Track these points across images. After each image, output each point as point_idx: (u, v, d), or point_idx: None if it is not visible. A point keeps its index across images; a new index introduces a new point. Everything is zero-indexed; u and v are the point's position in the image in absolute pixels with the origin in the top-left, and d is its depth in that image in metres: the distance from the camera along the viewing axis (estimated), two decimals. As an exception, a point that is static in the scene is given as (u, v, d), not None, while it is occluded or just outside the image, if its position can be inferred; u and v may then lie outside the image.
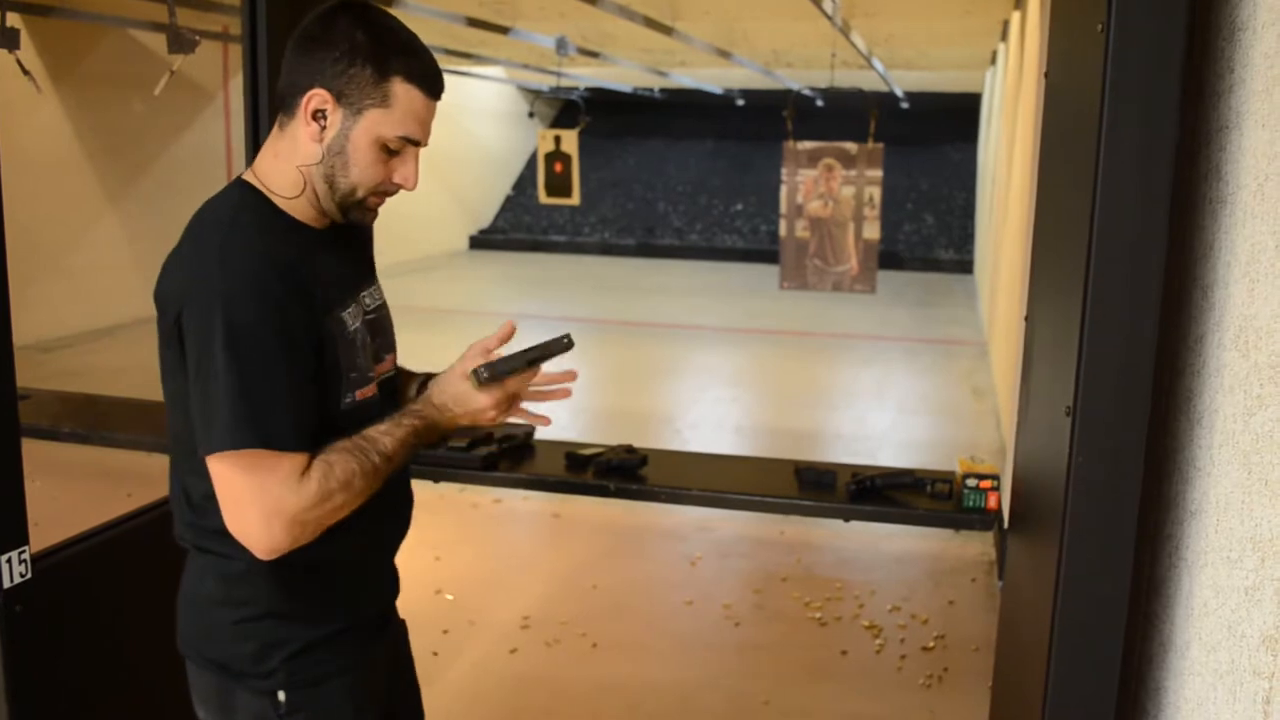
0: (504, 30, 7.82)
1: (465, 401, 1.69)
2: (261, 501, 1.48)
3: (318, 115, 1.58)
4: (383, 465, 1.59)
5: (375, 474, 1.58)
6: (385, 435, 1.61)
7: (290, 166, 1.61)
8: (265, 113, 2.53)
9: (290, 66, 1.60)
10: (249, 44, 2.51)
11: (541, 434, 3.04)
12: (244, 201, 1.61)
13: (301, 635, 1.65)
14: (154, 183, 9.79)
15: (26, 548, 2.02)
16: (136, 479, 3.48)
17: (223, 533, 1.56)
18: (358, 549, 1.71)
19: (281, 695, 1.64)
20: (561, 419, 2.01)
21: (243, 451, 1.47)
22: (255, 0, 2.49)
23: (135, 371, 8.30)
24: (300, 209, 1.63)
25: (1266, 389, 1.27)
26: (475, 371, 1.67)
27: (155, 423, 3.28)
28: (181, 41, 2.71)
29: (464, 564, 4.58)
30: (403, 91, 1.58)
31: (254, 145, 2.55)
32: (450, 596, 4.24)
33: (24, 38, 3.05)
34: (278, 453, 1.48)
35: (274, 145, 1.63)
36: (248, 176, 1.66)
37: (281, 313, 1.50)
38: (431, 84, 1.62)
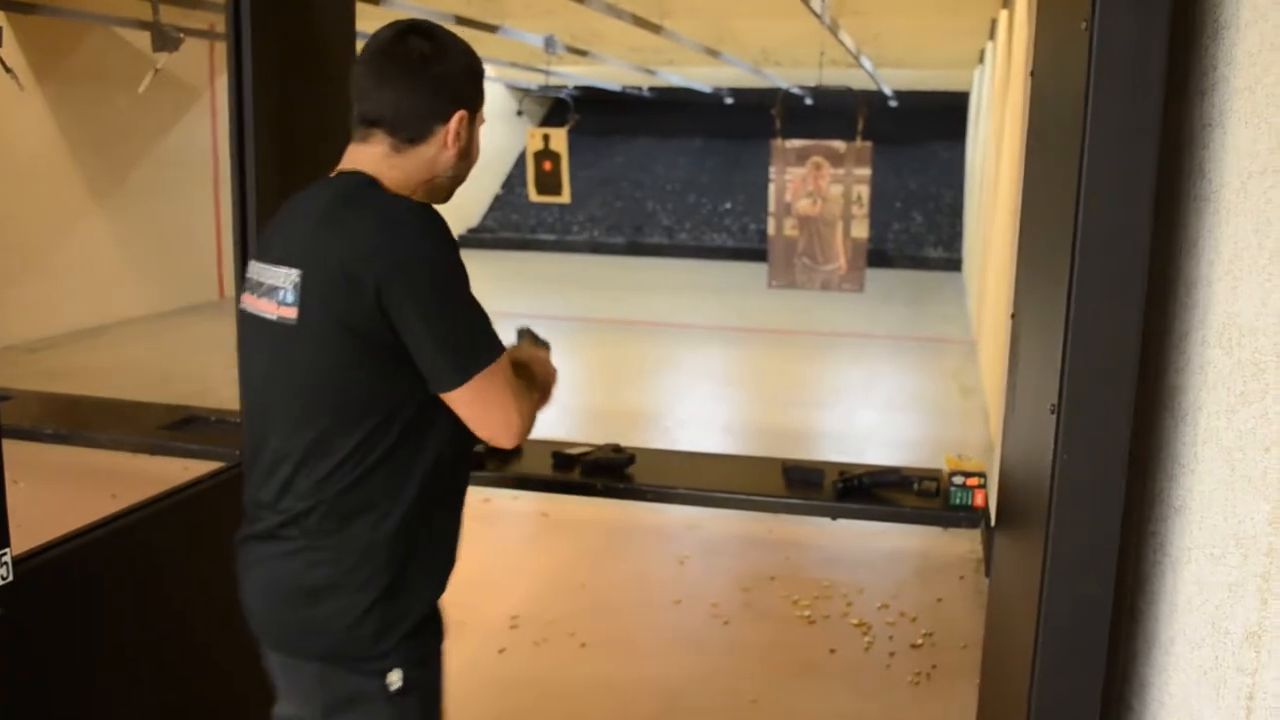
0: (492, 29, 7.81)
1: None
2: (515, 397, 1.75)
3: (459, 133, 1.80)
4: (525, 377, 1.86)
5: (529, 382, 1.88)
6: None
7: (414, 179, 1.78)
8: (250, 111, 2.51)
9: (401, 94, 1.75)
10: (234, 42, 2.50)
11: (529, 433, 3.04)
12: (381, 185, 1.76)
13: (414, 612, 1.79)
14: (140, 182, 9.75)
15: (8, 550, 2.00)
16: (121, 480, 3.47)
17: (344, 515, 1.71)
18: (453, 522, 1.90)
19: (395, 674, 1.76)
20: (550, 418, 2.03)
21: (499, 363, 1.71)
22: (240, -2, 2.48)
23: (120, 372, 8.28)
24: None
25: (1249, 386, 1.27)
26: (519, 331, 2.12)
27: (140, 423, 3.27)
28: (165, 39, 2.70)
29: (452, 563, 4.56)
30: (485, 85, 1.87)
31: (239, 144, 2.54)
32: (438, 596, 4.23)
33: (7, 35, 3.05)
34: (505, 358, 1.74)
35: (388, 160, 1.77)
36: (362, 171, 1.77)
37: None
38: None
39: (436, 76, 1.76)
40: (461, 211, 17.58)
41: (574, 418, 7.37)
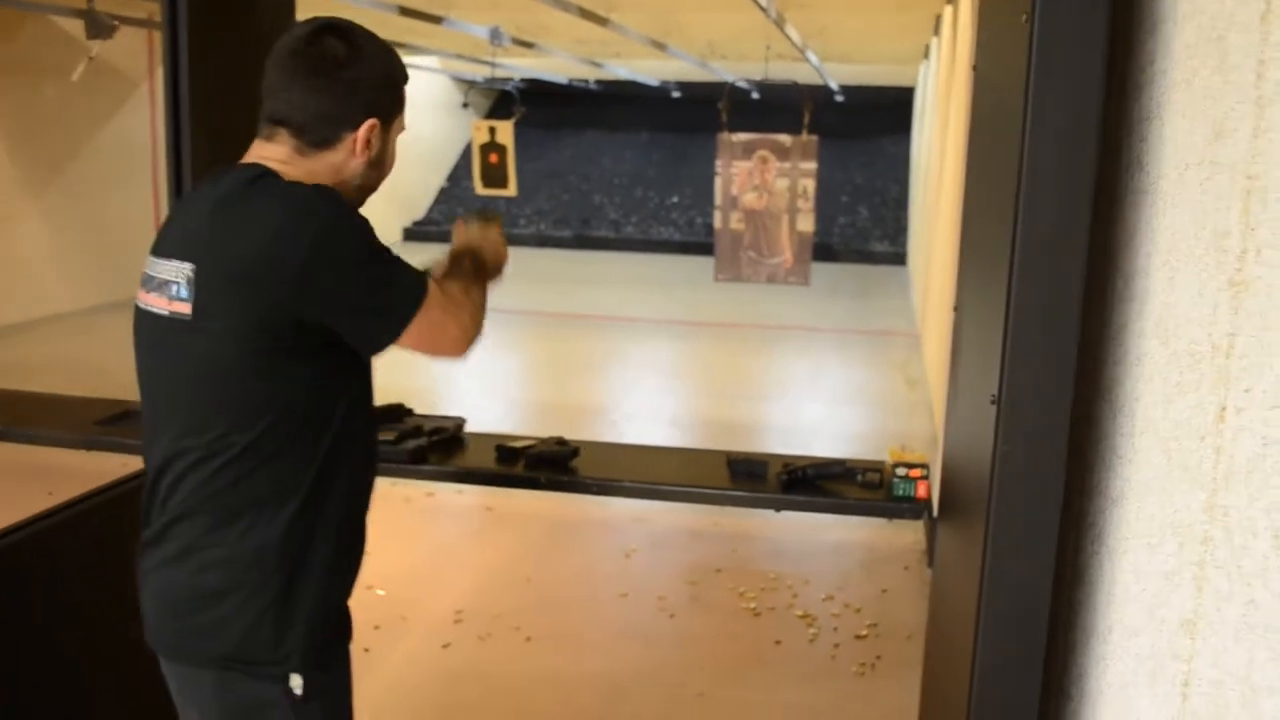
0: (437, 20, 7.74)
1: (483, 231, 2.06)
2: (454, 315, 1.77)
3: (370, 142, 1.74)
4: (466, 275, 1.88)
5: (468, 279, 1.87)
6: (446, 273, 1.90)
7: (319, 181, 1.70)
8: (186, 102, 2.47)
9: (308, 96, 1.70)
10: (170, 32, 2.45)
11: (473, 426, 3.02)
12: (277, 175, 1.70)
13: (315, 613, 1.70)
14: (76, 174, 9.57)
15: (-62, 546, 1.96)
16: (58, 476, 3.41)
17: (234, 511, 1.65)
18: (355, 516, 1.80)
19: (296, 680, 1.68)
20: (496, 411, 2.03)
21: (428, 295, 1.70)
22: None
23: (56, 367, 8.16)
24: None
25: (1185, 376, 1.28)
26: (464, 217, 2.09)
27: (76, 419, 3.21)
28: (99, 26, 2.64)
29: (396, 558, 4.53)
30: (406, 92, 1.82)
31: (175, 136, 2.49)
32: (382, 592, 4.20)
33: (-64, 23, 2.97)
34: (430, 285, 1.73)
35: (291, 161, 1.71)
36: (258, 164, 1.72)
37: None
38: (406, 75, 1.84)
39: (349, 81, 1.70)
40: (406, 204, 17.46)
41: (520, 412, 7.35)
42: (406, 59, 1.85)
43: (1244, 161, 1.17)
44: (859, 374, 9.00)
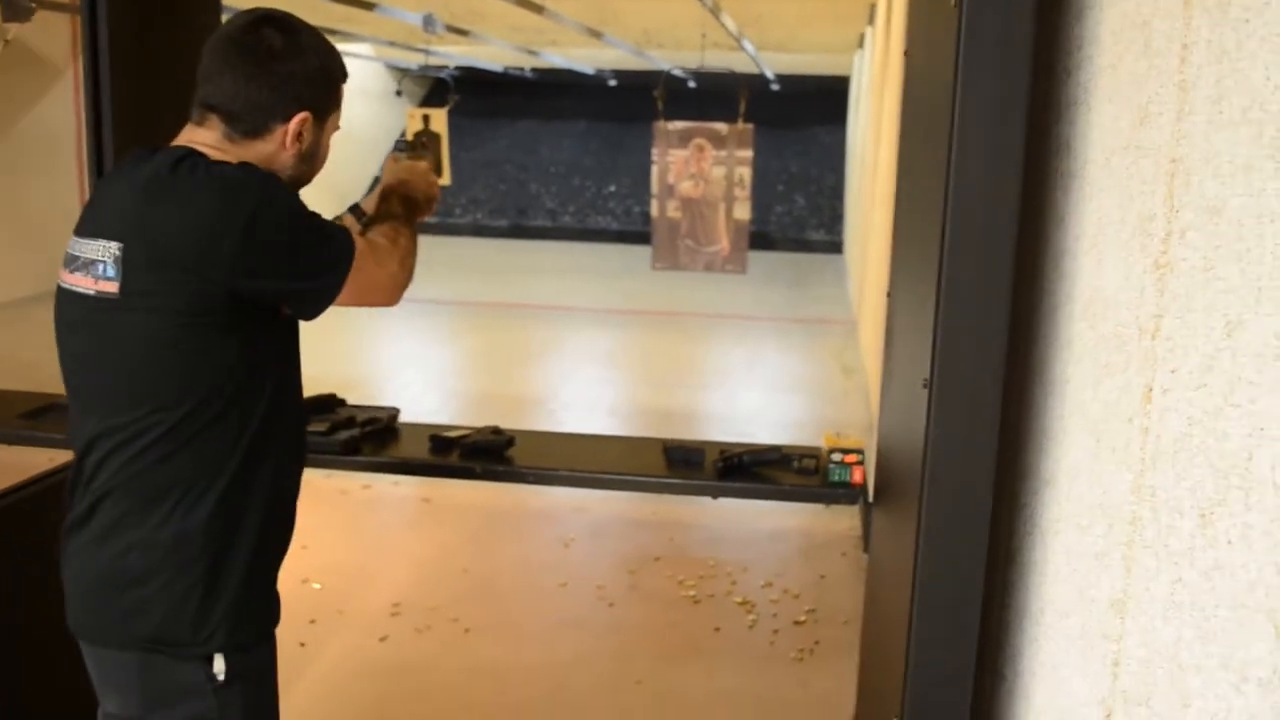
0: (370, 6, 7.65)
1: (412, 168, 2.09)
2: (384, 264, 1.83)
3: (301, 135, 1.75)
4: (394, 219, 1.96)
5: (397, 223, 1.95)
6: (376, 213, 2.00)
7: None
8: (107, 89, 2.40)
9: (240, 85, 1.70)
10: (88, 16, 2.39)
11: (407, 416, 2.98)
12: (204, 156, 1.69)
13: (239, 595, 1.70)
14: (-1, 162, 9.35)
15: None
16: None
17: (164, 489, 1.65)
18: (283, 499, 1.80)
19: (219, 662, 1.68)
20: (432, 402, 2.01)
21: (356, 252, 1.74)
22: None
23: (-22, 359, 7.91)
24: None
25: (1113, 358, 1.29)
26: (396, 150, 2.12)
27: (-2, 411, 3.13)
28: (16, 9, 2.57)
29: (332, 552, 4.48)
30: (344, 89, 1.84)
31: (96, 122, 2.43)
32: (318, 585, 4.15)
33: None
34: (358, 241, 1.78)
35: (220, 147, 1.71)
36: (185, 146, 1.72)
37: None
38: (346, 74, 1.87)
39: (282, 74, 1.71)
40: (340, 192, 17.22)
41: (457, 402, 7.30)
42: (339, 46, 1.84)
43: (1168, 145, 1.18)
44: (796, 362, 9.05)
